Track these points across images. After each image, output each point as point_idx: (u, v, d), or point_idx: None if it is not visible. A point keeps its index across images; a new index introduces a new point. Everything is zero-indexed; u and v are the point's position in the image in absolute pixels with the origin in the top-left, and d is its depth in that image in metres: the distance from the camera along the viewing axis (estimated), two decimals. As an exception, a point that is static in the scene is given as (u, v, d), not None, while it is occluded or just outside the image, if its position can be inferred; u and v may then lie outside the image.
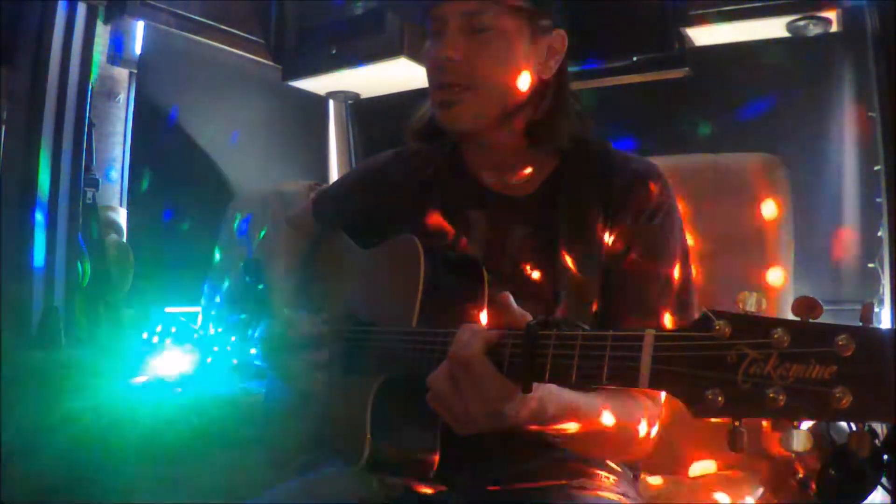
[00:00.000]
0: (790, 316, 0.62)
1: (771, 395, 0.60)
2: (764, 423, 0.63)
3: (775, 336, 0.60)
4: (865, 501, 1.20)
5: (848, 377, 0.57)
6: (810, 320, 0.61)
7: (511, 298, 0.87)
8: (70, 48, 2.13)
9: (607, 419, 0.93)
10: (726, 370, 0.63)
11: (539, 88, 1.10)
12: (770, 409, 0.61)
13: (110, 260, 2.36)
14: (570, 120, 1.12)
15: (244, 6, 2.65)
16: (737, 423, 0.64)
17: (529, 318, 0.84)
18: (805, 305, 0.61)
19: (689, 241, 1.14)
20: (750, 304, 0.64)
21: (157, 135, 2.68)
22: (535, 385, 0.80)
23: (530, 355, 0.80)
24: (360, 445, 0.98)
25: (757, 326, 0.62)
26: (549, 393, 0.85)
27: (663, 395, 1.02)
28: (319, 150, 3.08)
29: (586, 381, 0.79)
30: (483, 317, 0.98)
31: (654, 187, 1.08)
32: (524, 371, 0.80)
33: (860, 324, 0.59)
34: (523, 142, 1.12)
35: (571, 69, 1.16)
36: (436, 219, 1.16)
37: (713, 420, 0.65)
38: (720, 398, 0.64)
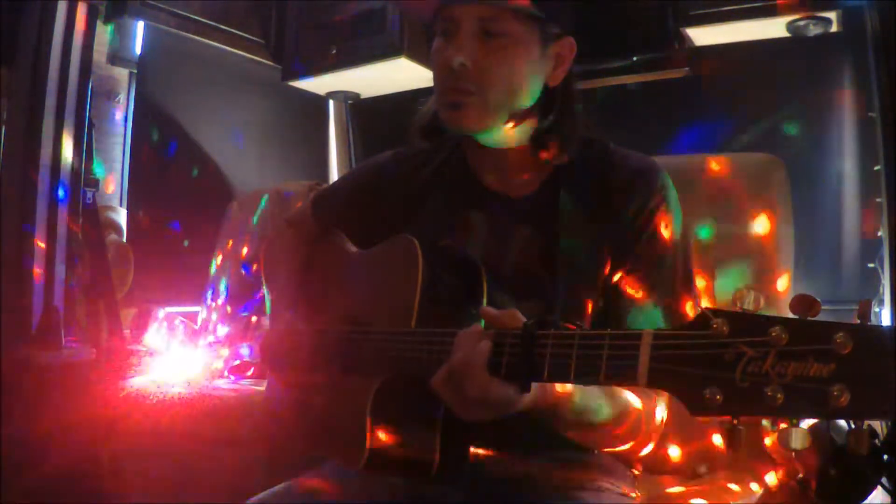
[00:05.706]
0: (790, 315, 0.62)
1: (769, 393, 0.60)
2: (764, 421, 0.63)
3: (773, 334, 0.60)
4: (865, 501, 1.20)
5: (846, 375, 0.57)
6: (808, 318, 0.60)
7: (491, 311, 0.88)
8: (70, 48, 2.13)
9: (609, 402, 0.94)
10: (724, 369, 0.63)
11: (546, 97, 1.10)
12: (768, 407, 0.60)
13: (110, 260, 2.36)
14: (576, 128, 1.11)
15: (244, 6, 2.65)
16: (735, 422, 0.64)
17: (522, 318, 0.84)
18: (803, 303, 0.61)
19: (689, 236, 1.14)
20: (748, 302, 0.64)
21: (157, 135, 2.68)
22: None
23: (528, 355, 0.80)
24: (359, 447, 0.98)
25: (755, 324, 0.62)
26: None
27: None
28: (319, 150, 3.08)
29: (585, 380, 0.79)
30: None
31: (653, 183, 1.08)
32: (522, 371, 0.81)
33: (858, 321, 0.59)
34: (528, 147, 1.12)
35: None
36: (435, 219, 1.16)
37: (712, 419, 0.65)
38: (718, 397, 0.63)
